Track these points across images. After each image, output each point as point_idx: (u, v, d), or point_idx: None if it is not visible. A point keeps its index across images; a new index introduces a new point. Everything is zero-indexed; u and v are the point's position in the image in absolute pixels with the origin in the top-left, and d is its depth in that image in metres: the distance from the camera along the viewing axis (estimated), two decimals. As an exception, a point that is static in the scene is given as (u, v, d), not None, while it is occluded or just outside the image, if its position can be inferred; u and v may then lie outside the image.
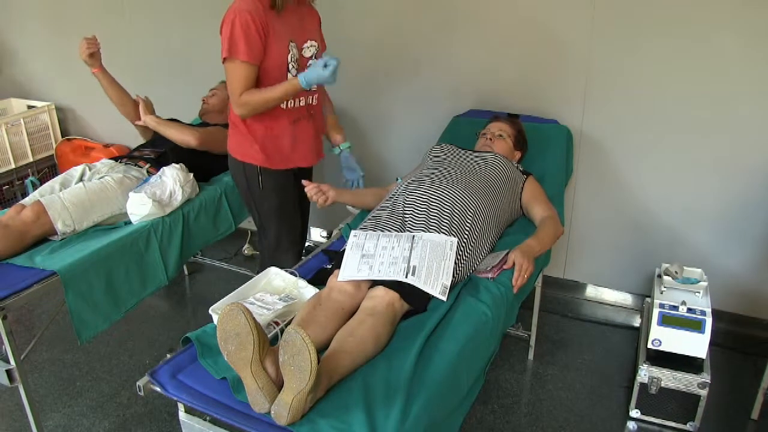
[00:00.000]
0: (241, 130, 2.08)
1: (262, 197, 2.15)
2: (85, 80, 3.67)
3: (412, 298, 1.55)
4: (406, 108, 2.91)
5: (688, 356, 2.04)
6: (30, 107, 3.73)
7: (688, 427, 2.09)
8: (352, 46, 2.93)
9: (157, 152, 2.50)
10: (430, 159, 2.16)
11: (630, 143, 2.53)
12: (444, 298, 1.57)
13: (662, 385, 2.06)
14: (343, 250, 1.70)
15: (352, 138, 3.10)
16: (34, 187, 3.00)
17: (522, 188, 2.06)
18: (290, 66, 1.98)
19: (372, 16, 2.84)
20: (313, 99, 2.13)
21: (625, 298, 2.82)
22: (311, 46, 2.06)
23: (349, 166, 2.31)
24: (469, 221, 1.78)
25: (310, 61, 2.07)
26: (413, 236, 1.69)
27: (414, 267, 1.59)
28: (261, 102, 1.95)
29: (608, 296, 2.85)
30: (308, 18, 2.08)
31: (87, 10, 3.47)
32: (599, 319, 2.76)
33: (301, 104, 2.08)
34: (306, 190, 1.98)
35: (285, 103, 2.02)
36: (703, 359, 2.05)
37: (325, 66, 1.85)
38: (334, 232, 2.15)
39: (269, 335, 1.43)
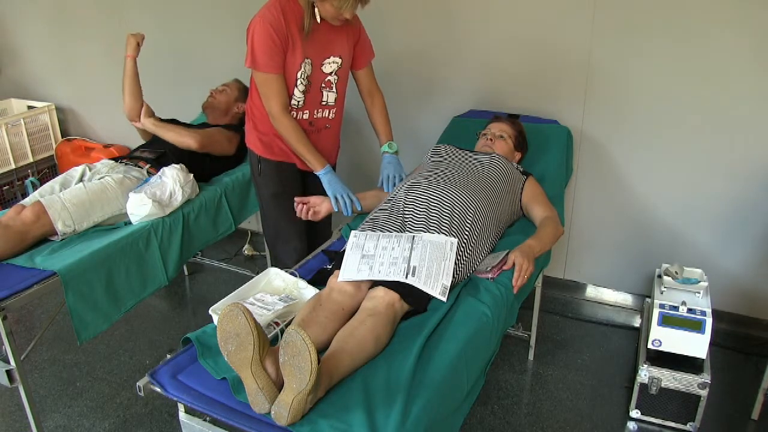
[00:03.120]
0: (251, 117, 2.19)
1: (261, 183, 2.23)
2: (85, 80, 3.69)
3: (412, 298, 1.55)
4: (406, 108, 2.91)
5: (688, 356, 2.04)
6: (30, 107, 3.73)
7: (688, 427, 2.09)
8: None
9: (157, 152, 2.50)
10: (430, 159, 2.16)
11: (630, 143, 2.53)
12: (444, 299, 1.57)
13: (662, 386, 2.06)
14: (343, 251, 1.70)
15: (352, 138, 3.11)
16: (34, 187, 3.00)
17: (522, 189, 2.06)
18: (298, 82, 2.01)
19: (372, 17, 2.84)
20: (323, 113, 2.15)
21: (625, 299, 2.82)
22: (333, 62, 2.07)
23: (385, 166, 2.21)
24: (469, 222, 1.78)
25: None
26: (413, 237, 1.69)
27: (414, 267, 1.59)
28: (287, 139, 2.05)
29: (608, 296, 2.85)
30: (340, 32, 2.05)
31: (87, 10, 3.47)
32: (599, 319, 2.76)
33: (304, 117, 2.10)
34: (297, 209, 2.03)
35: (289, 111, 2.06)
36: (703, 359, 2.05)
37: (339, 198, 2.02)
38: (334, 233, 2.15)
39: (269, 335, 1.43)
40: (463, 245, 1.72)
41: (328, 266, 1.80)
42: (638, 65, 2.40)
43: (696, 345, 2.02)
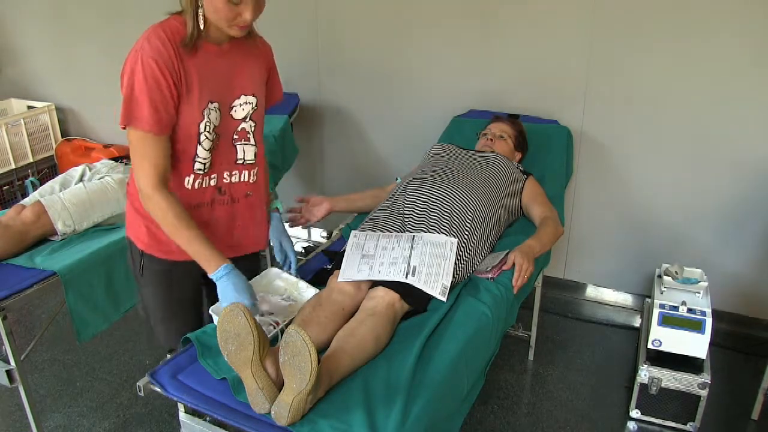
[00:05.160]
0: (131, 194, 1.53)
1: (143, 284, 1.60)
2: (85, 80, 3.68)
3: (412, 298, 1.55)
4: (407, 108, 2.91)
5: (688, 356, 2.04)
6: (30, 107, 3.72)
7: (688, 427, 2.09)
8: (353, 45, 2.93)
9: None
10: (430, 159, 2.16)
11: (630, 143, 2.53)
12: (444, 299, 1.57)
13: (662, 386, 2.06)
14: (344, 251, 1.70)
15: (352, 138, 3.11)
16: (34, 187, 3.00)
17: (522, 188, 2.06)
18: (202, 137, 1.41)
19: (373, 17, 2.85)
20: (240, 175, 1.53)
21: (625, 299, 2.82)
22: (246, 103, 1.48)
23: (278, 234, 1.69)
24: (469, 221, 1.78)
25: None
26: (413, 236, 1.69)
27: (414, 267, 1.59)
28: (161, 224, 1.39)
29: (608, 296, 2.85)
30: (249, 62, 1.48)
31: (87, 10, 3.47)
32: (599, 319, 2.76)
33: (211, 183, 1.49)
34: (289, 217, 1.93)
35: (187, 180, 1.45)
36: (703, 359, 2.05)
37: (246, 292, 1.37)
38: (334, 233, 2.15)
39: (269, 335, 1.43)
40: (463, 245, 1.72)
41: (328, 266, 1.80)
42: (638, 65, 2.40)
43: (696, 345, 2.02)
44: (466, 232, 1.76)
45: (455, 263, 1.65)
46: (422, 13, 2.72)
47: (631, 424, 2.15)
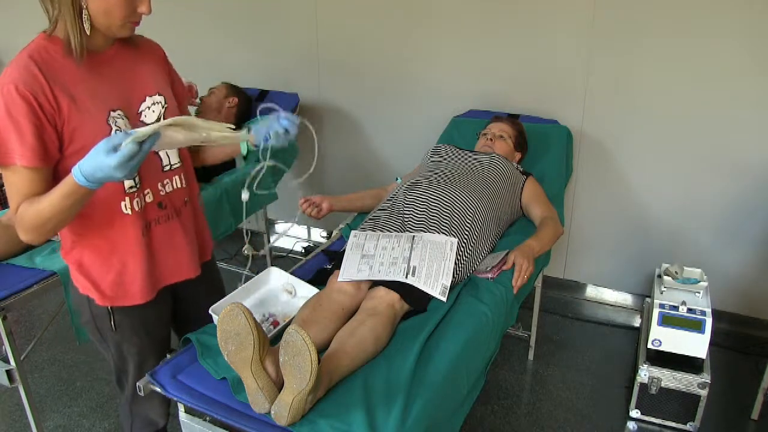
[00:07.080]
0: (72, 252, 1.39)
1: (121, 340, 1.47)
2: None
3: (413, 298, 1.55)
4: (406, 108, 2.91)
5: (688, 356, 2.05)
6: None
7: (688, 427, 2.09)
8: (352, 45, 2.93)
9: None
10: (430, 159, 2.16)
11: (630, 143, 2.53)
12: (444, 299, 1.57)
13: (662, 385, 2.06)
14: (343, 251, 1.70)
15: (352, 138, 3.11)
16: (34, 187, 3.00)
17: (522, 189, 2.06)
18: None
19: (373, 17, 2.85)
20: (172, 183, 1.41)
21: (625, 298, 2.82)
22: (154, 104, 1.35)
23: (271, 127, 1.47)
24: (468, 221, 1.78)
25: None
26: (413, 236, 1.69)
27: (414, 267, 1.59)
28: (37, 218, 1.20)
29: (608, 296, 2.85)
30: (141, 62, 1.36)
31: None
32: (599, 319, 2.76)
33: (147, 201, 1.36)
34: (300, 205, 1.95)
35: (124, 205, 1.31)
36: (703, 359, 2.05)
37: (114, 150, 1.05)
38: (334, 233, 2.15)
39: (269, 335, 1.43)
40: (463, 245, 1.72)
41: (328, 266, 1.80)
42: (638, 65, 2.40)
43: (696, 345, 2.02)
44: (466, 232, 1.76)
45: (455, 263, 1.65)
46: (422, 13, 2.72)
47: (631, 424, 2.15)
